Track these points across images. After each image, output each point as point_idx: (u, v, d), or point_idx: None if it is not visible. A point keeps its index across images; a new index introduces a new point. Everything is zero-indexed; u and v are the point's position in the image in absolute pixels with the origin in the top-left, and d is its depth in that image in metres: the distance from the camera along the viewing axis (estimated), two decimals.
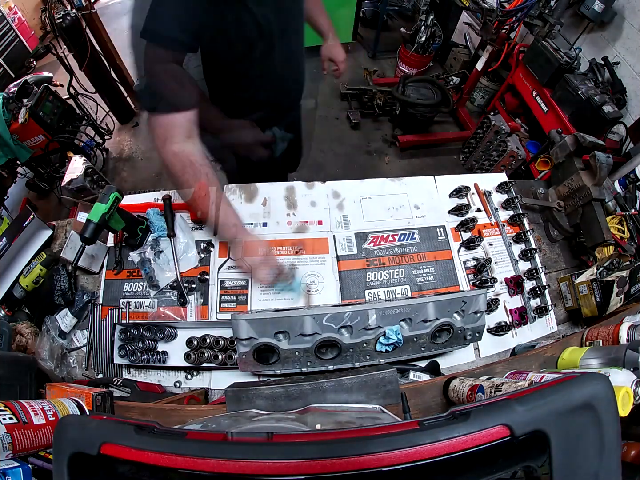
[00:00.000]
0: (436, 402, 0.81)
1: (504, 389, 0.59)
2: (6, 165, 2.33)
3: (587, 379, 0.36)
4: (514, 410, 0.34)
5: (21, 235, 1.17)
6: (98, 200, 0.95)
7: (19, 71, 3.75)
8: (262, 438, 0.39)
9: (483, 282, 1.11)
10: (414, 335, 0.90)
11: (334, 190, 1.27)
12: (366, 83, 3.21)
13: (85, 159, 1.15)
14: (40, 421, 0.61)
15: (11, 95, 2.20)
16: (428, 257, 1.16)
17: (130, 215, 1.09)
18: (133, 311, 1.10)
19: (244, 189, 1.27)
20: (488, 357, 1.06)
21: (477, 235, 1.18)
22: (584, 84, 2.11)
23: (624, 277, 0.99)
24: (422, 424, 0.36)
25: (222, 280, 1.12)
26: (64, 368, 1.06)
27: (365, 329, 0.88)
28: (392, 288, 1.12)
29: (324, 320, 0.86)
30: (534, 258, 1.17)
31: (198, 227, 1.20)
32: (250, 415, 0.67)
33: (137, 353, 1.00)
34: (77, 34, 2.57)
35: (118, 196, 0.98)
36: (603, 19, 2.14)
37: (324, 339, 0.86)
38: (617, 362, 0.69)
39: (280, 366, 0.89)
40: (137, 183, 3.01)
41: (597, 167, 1.10)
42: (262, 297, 1.10)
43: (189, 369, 1.03)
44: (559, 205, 1.24)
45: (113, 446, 0.35)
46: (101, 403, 0.78)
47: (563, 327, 1.15)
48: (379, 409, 0.69)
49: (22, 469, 0.54)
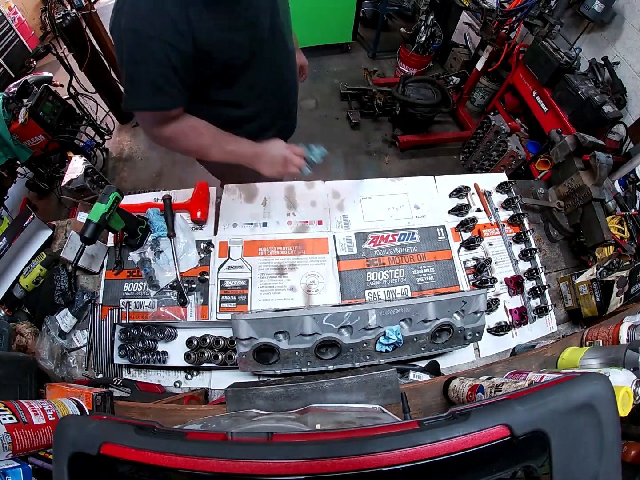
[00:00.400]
0: (436, 402, 0.81)
1: (504, 389, 0.59)
2: (6, 165, 2.33)
3: (587, 379, 0.36)
4: (514, 410, 0.34)
5: (21, 235, 1.17)
6: (98, 200, 0.95)
7: (19, 71, 3.75)
8: (262, 438, 0.39)
9: (483, 282, 1.11)
10: (414, 335, 0.90)
11: (334, 190, 1.27)
12: (366, 83, 3.21)
13: (85, 159, 1.15)
14: (40, 421, 0.61)
15: (11, 95, 2.20)
16: (428, 257, 1.16)
17: (130, 215, 1.09)
18: (133, 311, 1.10)
19: (244, 189, 1.27)
20: (488, 357, 1.06)
21: (477, 236, 1.18)
22: (584, 84, 2.11)
23: (624, 277, 0.99)
24: (422, 424, 0.36)
25: (222, 280, 1.12)
26: (64, 368, 1.06)
27: (365, 329, 0.88)
28: (392, 288, 1.12)
29: (324, 320, 0.86)
30: (534, 258, 1.17)
31: (198, 227, 1.20)
32: (250, 415, 0.67)
33: (137, 353, 1.00)
34: (77, 34, 2.56)
35: (118, 196, 0.98)
36: (603, 19, 2.14)
37: (324, 339, 0.86)
38: (617, 362, 0.69)
39: (280, 366, 0.89)
40: (137, 183, 3.01)
41: (597, 167, 1.10)
42: (262, 297, 1.10)
43: (189, 369, 1.03)
44: (559, 205, 1.24)
45: (113, 446, 0.36)
46: (101, 403, 0.78)
47: (563, 327, 1.15)
48: (379, 409, 0.69)
49: (22, 469, 0.54)
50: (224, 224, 1.20)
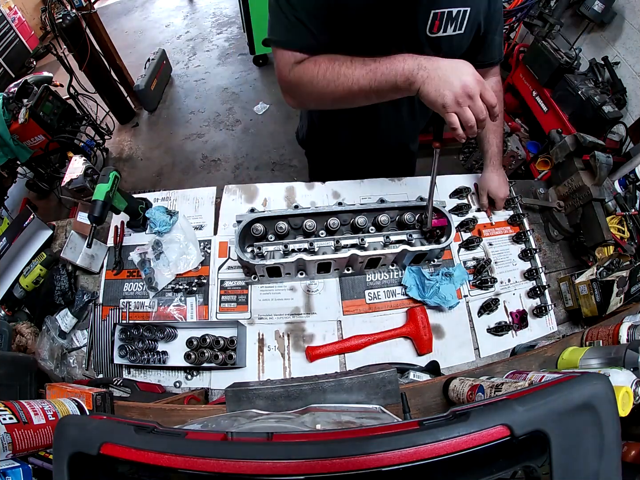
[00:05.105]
0: (436, 402, 0.81)
1: (504, 389, 0.59)
2: (6, 165, 2.34)
3: (587, 379, 0.36)
4: (514, 410, 0.34)
5: (21, 235, 1.17)
6: (99, 182, 0.98)
7: (19, 71, 3.75)
8: (262, 438, 0.39)
9: (483, 282, 1.11)
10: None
11: (334, 190, 1.26)
12: None
13: (85, 159, 1.15)
14: (40, 421, 0.61)
15: (11, 95, 2.20)
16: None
17: (130, 195, 1.13)
18: (133, 311, 1.10)
19: (244, 189, 1.27)
20: (488, 357, 1.06)
21: (477, 236, 1.18)
22: (584, 84, 2.11)
23: (624, 277, 0.99)
24: (422, 424, 0.36)
25: (222, 280, 1.12)
26: (64, 368, 1.06)
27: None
28: (392, 288, 1.12)
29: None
30: (534, 258, 1.17)
31: (198, 227, 1.20)
32: (250, 415, 0.67)
33: (137, 353, 1.00)
34: (77, 34, 2.57)
35: (117, 175, 1.01)
36: (603, 19, 2.14)
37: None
38: (617, 362, 0.69)
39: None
40: (137, 183, 3.02)
41: (597, 167, 1.10)
42: (262, 297, 1.10)
43: (189, 369, 1.03)
44: (559, 205, 1.24)
45: (113, 446, 0.35)
46: (101, 403, 0.78)
47: (563, 327, 1.15)
48: (379, 409, 0.69)
49: (22, 469, 0.54)
50: (224, 224, 1.20)
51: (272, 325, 1.07)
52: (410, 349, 1.05)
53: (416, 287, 1.07)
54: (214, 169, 3.12)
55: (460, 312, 1.09)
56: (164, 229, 1.14)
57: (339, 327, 1.07)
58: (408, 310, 1.06)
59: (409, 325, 1.04)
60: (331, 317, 1.08)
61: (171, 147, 3.30)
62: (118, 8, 5.18)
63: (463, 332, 1.08)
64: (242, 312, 1.08)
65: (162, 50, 3.76)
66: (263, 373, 1.02)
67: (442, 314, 1.09)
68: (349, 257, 0.97)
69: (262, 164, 3.08)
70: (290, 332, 1.06)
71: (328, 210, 1.02)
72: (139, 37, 4.65)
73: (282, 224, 1.01)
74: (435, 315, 1.08)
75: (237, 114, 3.49)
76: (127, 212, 1.13)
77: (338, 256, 0.98)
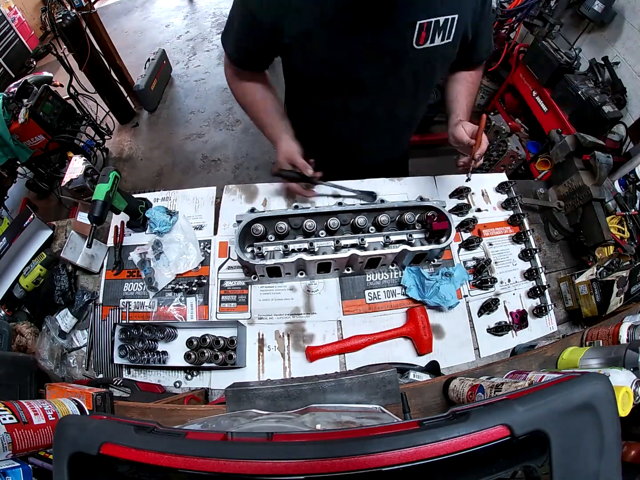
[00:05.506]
0: (436, 402, 0.81)
1: (504, 389, 0.59)
2: (6, 165, 2.34)
3: (587, 379, 0.36)
4: (514, 410, 0.34)
5: (21, 235, 1.17)
6: (99, 182, 0.98)
7: (19, 71, 3.75)
8: (262, 438, 0.39)
9: (483, 282, 1.11)
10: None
11: (334, 191, 1.26)
12: None
13: (85, 159, 1.15)
14: (40, 421, 0.61)
15: (11, 95, 2.20)
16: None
17: (130, 195, 1.13)
18: (133, 311, 1.10)
19: (244, 189, 1.27)
20: (488, 357, 1.06)
21: (477, 236, 1.18)
22: (584, 84, 2.11)
23: (624, 277, 0.99)
24: (422, 424, 0.36)
25: (222, 280, 1.12)
26: (64, 368, 1.06)
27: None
28: (392, 288, 1.12)
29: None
30: (534, 258, 1.17)
31: (198, 227, 1.20)
32: (250, 415, 0.67)
33: (137, 353, 1.00)
34: (77, 34, 2.57)
35: (117, 175, 1.01)
36: (603, 19, 2.14)
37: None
38: (617, 362, 0.69)
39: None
40: (137, 183, 3.02)
41: (597, 167, 1.10)
42: (262, 297, 1.10)
43: (189, 369, 1.03)
44: (559, 205, 1.24)
45: (113, 446, 0.35)
46: (101, 403, 0.78)
47: (563, 327, 1.15)
48: (379, 409, 0.69)
49: (22, 469, 0.54)
50: (223, 224, 1.20)
51: (272, 325, 1.07)
52: (410, 349, 1.05)
53: (416, 287, 1.07)
54: (214, 169, 3.12)
55: (460, 312, 1.09)
56: (164, 229, 1.14)
57: (339, 327, 1.07)
58: (408, 310, 1.06)
59: (409, 325, 1.04)
60: (331, 317, 1.08)
61: (171, 147, 3.30)
62: (118, 8, 5.18)
63: (463, 332, 1.08)
64: (242, 312, 1.08)
65: (162, 50, 3.76)
66: (263, 373, 1.02)
67: (442, 314, 1.09)
68: (349, 257, 0.97)
69: (262, 164, 3.08)
70: (290, 332, 1.06)
71: (328, 210, 1.03)
72: (139, 37, 4.65)
73: (282, 224, 1.01)
74: (435, 315, 1.08)
75: (237, 114, 3.49)
76: (127, 212, 1.13)
77: (338, 256, 0.98)
